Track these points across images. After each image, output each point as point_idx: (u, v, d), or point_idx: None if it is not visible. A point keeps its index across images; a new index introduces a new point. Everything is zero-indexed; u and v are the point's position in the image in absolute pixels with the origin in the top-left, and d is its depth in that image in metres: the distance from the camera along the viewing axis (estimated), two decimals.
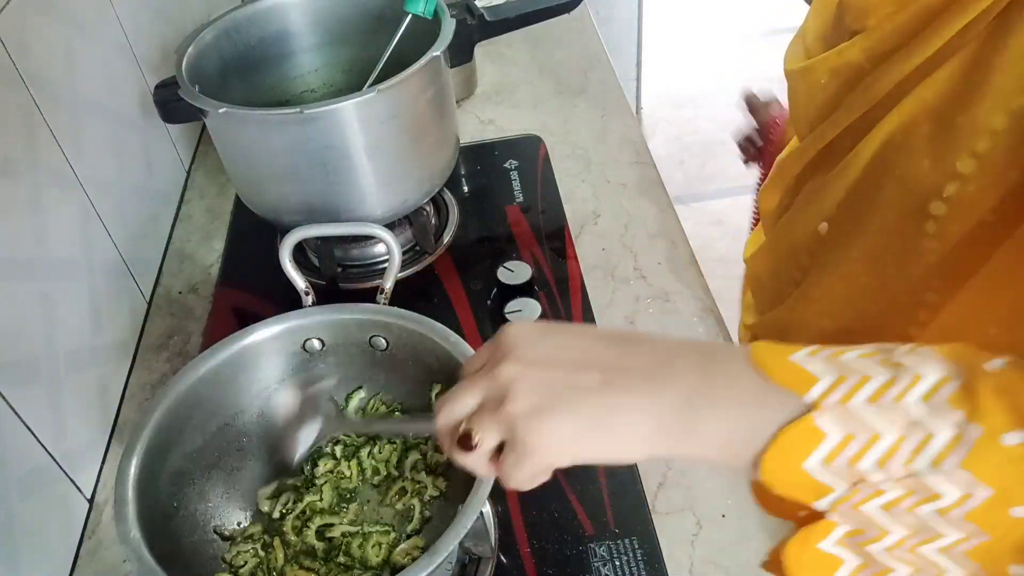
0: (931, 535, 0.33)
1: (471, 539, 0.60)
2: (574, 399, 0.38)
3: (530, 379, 0.39)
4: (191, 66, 0.76)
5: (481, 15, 0.82)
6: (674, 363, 0.38)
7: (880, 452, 0.33)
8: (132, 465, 0.53)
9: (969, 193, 0.47)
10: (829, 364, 0.35)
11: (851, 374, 0.35)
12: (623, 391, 0.38)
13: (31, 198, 0.67)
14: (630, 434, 0.38)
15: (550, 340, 0.40)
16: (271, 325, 0.62)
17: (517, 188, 0.97)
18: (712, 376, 0.37)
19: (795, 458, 0.34)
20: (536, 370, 0.39)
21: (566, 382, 0.38)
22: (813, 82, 0.60)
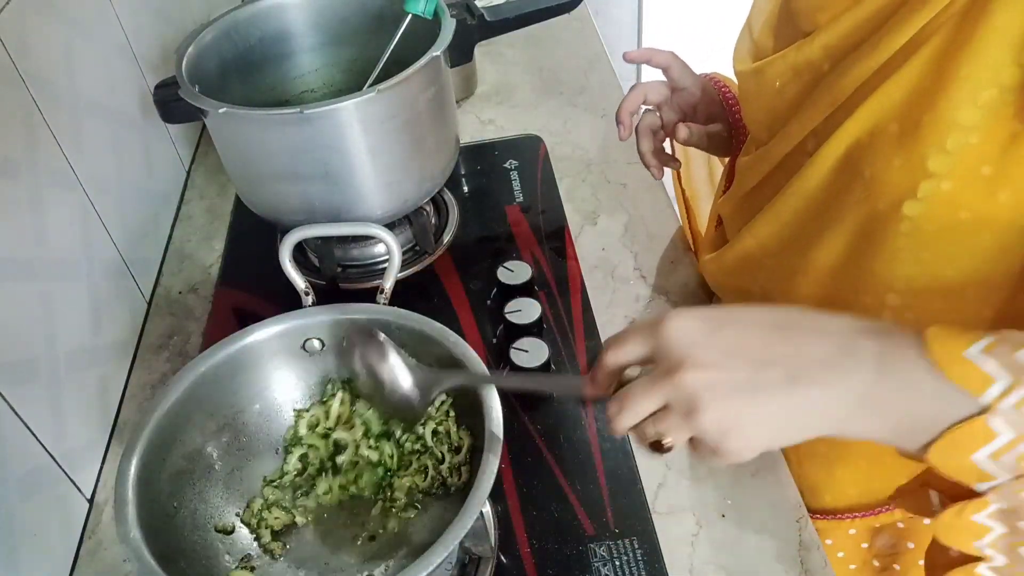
0: None
1: (471, 539, 0.60)
2: (764, 402, 0.39)
3: (718, 386, 0.40)
4: (191, 66, 0.76)
5: (481, 15, 0.82)
6: (853, 353, 0.40)
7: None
8: (132, 465, 0.53)
9: (943, 191, 0.47)
10: (1004, 364, 0.37)
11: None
12: (808, 386, 0.39)
13: (31, 198, 0.67)
14: (816, 427, 0.40)
15: (723, 337, 0.41)
16: (271, 325, 0.62)
17: (517, 188, 0.97)
18: (890, 369, 0.39)
19: (965, 451, 0.37)
20: (721, 374, 0.40)
21: (753, 383, 0.39)
22: (768, 83, 0.59)
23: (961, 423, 0.37)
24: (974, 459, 0.37)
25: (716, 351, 0.40)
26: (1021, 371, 0.37)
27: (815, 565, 0.60)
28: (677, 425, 0.41)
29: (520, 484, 0.66)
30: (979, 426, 0.37)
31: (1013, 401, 0.36)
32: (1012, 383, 0.36)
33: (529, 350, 0.72)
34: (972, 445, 0.37)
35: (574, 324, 0.79)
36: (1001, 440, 0.36)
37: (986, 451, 0.37)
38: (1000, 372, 0.37)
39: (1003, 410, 0.36)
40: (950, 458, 0.38)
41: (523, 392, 0.65)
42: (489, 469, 0.49)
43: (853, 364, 0.39)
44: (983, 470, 0.37)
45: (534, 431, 0.70)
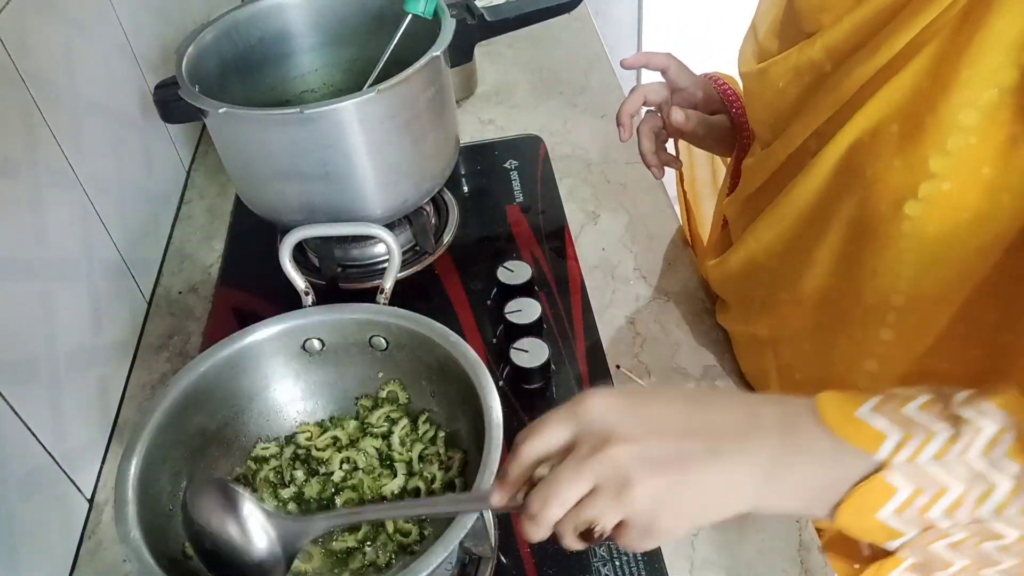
0: (991, 562, 0.37)
1: (471, 539, 0.60)
2: (692, 473, 0.40)
3: (648, 458, 0.39)
4: (191, 66, 0.76)
5: (481, 15, 0.82)
6: (758, 422, 0.41)
7: (947, 503, 0.36)
8: (132, 465, 0.53)
9: (944, 192, 0.47)
10: (894, 420, 0.38)
11: (916, 431, 0.37)
12: (728, 456, 0.40)
13: (31, 198, 0.67)
14: (736, 501, 0.41)
15: (644, 412, 0.41)
16: (271, 325, 0.62)
17: (517, 188, 0.97)
18: (793, 437, 0.40)
19: (869, 510, 0.38)
20: (649, 446, 0.40)
21: (679, 454, 0.40)
22: (772, 84, 0.59)
23: (862, 482, 0.38)
24: (879, 517, 0.38)
25: (640, 425, 0.40)
26: (910, 425, 0.38)
27: (815, 565, 0.60)
28: (608, 506, 0.40)
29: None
30: (878, 483, 0.37)
31: (906, 455, 0.37)
32: (903, 437, 0.37)
33: (529, 350, 0.72)
34: (875, 504, 0.38)
35: (574, 324, 0.79)
36: (901, 495, 0.37)
37: (889, 508, 0.37)
38: (891, 428, 0.38)
39: (898, 465, 0.37)
40: (857, 520, 0.38)
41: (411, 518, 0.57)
42: (489, 469, 0.49)
43: (761, 432, 0.40)
44: (890, 527, 0.38)
45: None
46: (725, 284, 0.74)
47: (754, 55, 0.64)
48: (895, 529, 0.38)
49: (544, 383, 0.73)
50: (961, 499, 0.36)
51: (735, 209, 0.72)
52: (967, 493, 0.36)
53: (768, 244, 0.64)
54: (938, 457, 0.36)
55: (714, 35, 1.63)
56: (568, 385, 0.73)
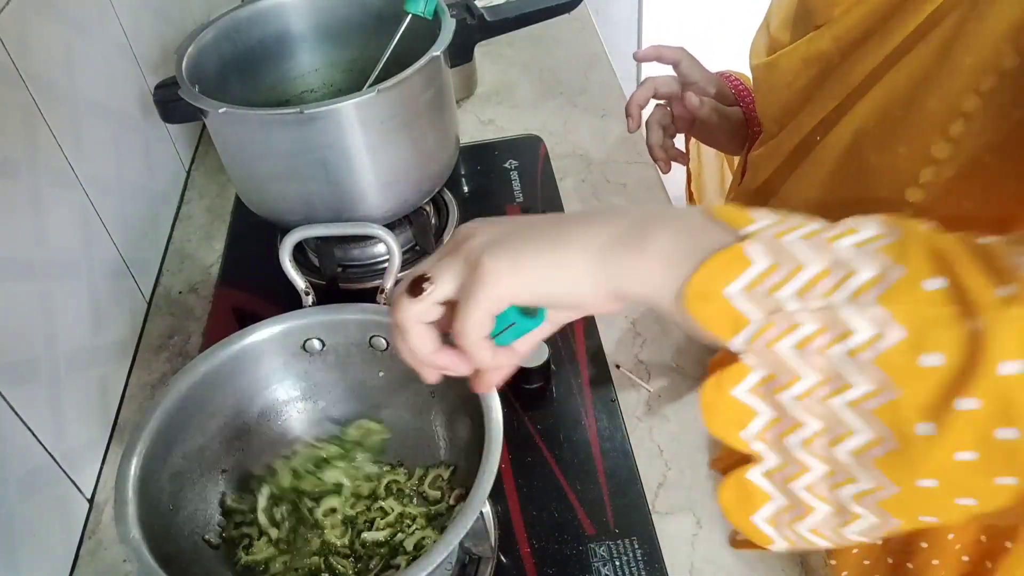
0: (841, 384, 0.31)
1: (471, 539, 0.60)
2: (531, 232, 0.38)
3: (490, 230, 0.39)
4: (191, 66, 0.76)
5: (481, 15, 0.82)
6: (624, 211, 0.38)
7: (801, 282, 0.32)
8: (132, 465, 0.53)
9: (946, 178, 0.47)
10: (771, 214, 0.35)
11: (790, 220, 0.34)
12: (575, 225, 0.38)
13: (31, 198, 0.67)
14: (580, 254, 0.37)
15: (505, 219, 0.41)
16: (271, 325, 0.62)
17: (517, 188, 0.96)
18: (656, 216, 0.37)
19: (718, 283, 0.33)
20: (496, 227, 0.39)
21: (524, 229, 0.39)
22: (780, 76, 0.59)
23: (716, 253, 0.33)
24: (726, 293, 0.33)
25: (498, 224, 0.40)
26: (787, 218, 0.34)
27: (815, 565, 0.60)
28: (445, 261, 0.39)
29: (520, 484, 0.66)
30: (735, 253, 0.33)
31: (772, 232, 0.33)
32: (776, 221, 0.34)
33: None
34: (726, 275, 0.33)
35: (574, 324, 0.79)
36: (755, 269, 0.32)
37: (739, 283, 0.33)
38: (767, 217, 0.34)
39: (761, 238, 0.33)
40: (704, 297, 0.33)
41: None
42: (489, 469, 0.49)
43: (622, 214, 0.38)
44: (736, 309, 0.33)
45: (534, 431, 0.70)
46: None
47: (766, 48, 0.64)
48: (741, 313, 0.33)
49: (544, 383, 0.73)
50: (817, 278, 0.32)
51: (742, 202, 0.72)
52: (825, 275, 0.32)
53: None
54: (806, 238, 0.33)
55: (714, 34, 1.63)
56: (568, 385, 0.73)
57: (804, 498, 0.34)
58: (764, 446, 0.34)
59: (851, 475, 0.32)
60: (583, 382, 0.74)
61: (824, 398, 0.32)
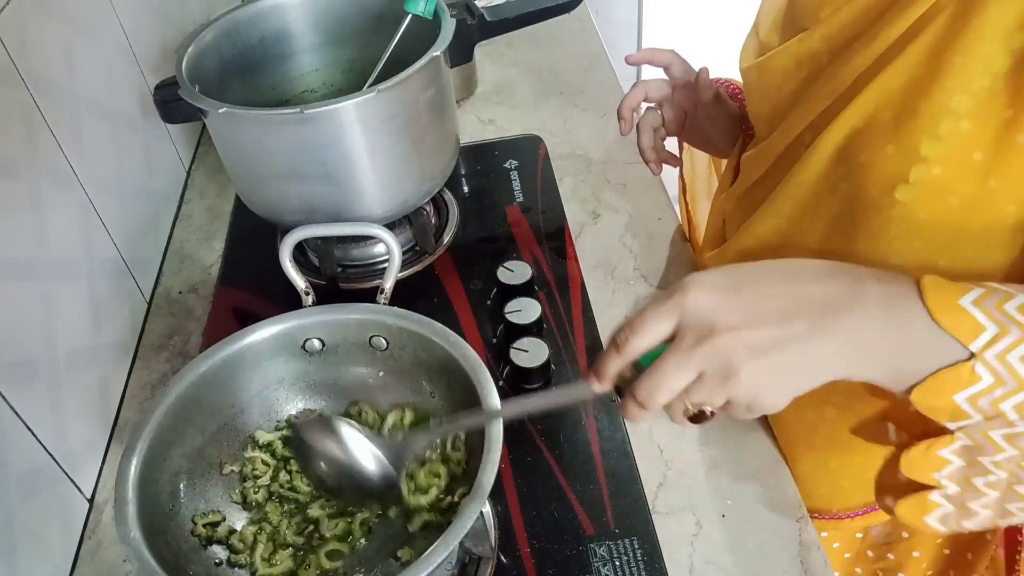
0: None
1: (471, 539, 0.60)
2: (794, 354, 0.41)
3: (751, 346, 0.41)
4: (191, 66, 0.76)
5: (481, 15, 0.82)
6: (861, 297, 0.42)
7: (1022, 399, 0.39)
8: (132, 465, 0.53)
9: (934, 176, 0.48)
10: (991, 315, 0.40)
11: (1012, 328, 0.39)
12: (831, 335, 0.42)
13: (31, 198, 0.67)
14: (832, 372, 0.42)
15: (744, 297, 0.43)
16: (271, 325, 0.62)
17: (517, 188, 0.97)
18: (894, 317, 0.41)
19: (948, 392, 0.40)
20: (751, 333, 0.41)
21: (782, 337, 0.41)
22: (770, 78, 0.60)
23: (948, 367, 0.40)
24: (955, 399, 0.40)
25: (741, 312, 0.42)
26: (1008, 321, 0.39)
27: (815, 565, 0.60)
28: (714, 391, 0.42)
29: (520, 484, 0.66)
30: (965, 370, 0.39)
31: (997, 350, 0.39)
32: (998, 333, 0.39)
33: (529, 350, 0.72)
34: (954, 387, 0.40)
35: (574, 324, 0.79)
36: (982, 384, 0.39)
37: (966, 393, 0.39)
38: (989, 321, 0.39)
39: (988, 358, 0.39)
40: (932, 398, 0.40)
41: (526, 416, 0.63)
42: (489, 469, 0.49)
43: (863, 309, 0.41)
44: (961, 409, 0.40)
45: (534, 431, 0.70)
46: None
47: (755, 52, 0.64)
48: (964, 411, 0.40)
49: (544, 383, 0.73)
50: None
51: (732, 203, 0.72)
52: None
53: (764, 237, 0.64)
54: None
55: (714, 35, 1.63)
56: None
57: (975, 509, 0.43)
58: (950, 482, 0.43)
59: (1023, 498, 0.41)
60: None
61: (1020, 462, 0.40)
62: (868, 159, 0.51)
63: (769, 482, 0.66)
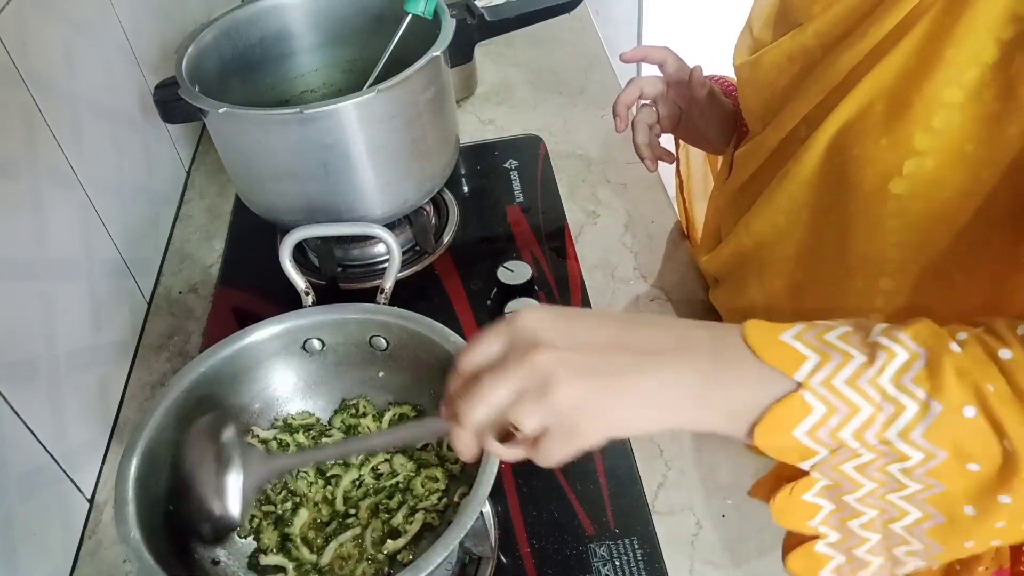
0: (897, 487, 0.39)
1: (471, 539, 0.60)
2: (616, 382, 0.40)
3: (571, 365, 0.40)
4: (191, 66, 0.76)
5: (481, 15, 0.82)
6: (689, 342, 0.41)
7: (857, 424, 0.38)
8: (132, 465, 0.53)
9: (928, 169, 0.48)
10: (813, 345, 0.39)
11: (833, 355, 0.39)
12: (655, 370, 0.40)
13: (31, 198, 0.67)
14: (661, 414, 0.41)
15: (572, 325, 0.41)
16: (271, 325, 0.62)
17: (517, 188, 0.97)
18: (721, 356, 0.40)
19: (785, 428, 0.39)
20: (573, 355, 0.40)
21: (605, 365, 0.40)
22: (763, 74, 0.60)
23: (780, 401, 0.38)
24: (794, 434, 0.38)
25: (567, 336, 0.41)
26: (828, 349, 0.39)
27: None
28: (529, 409, 0.40)
29: (520, 484, 0.66)
30: (795, 401, 0.38)
31: (822, 376, 0.38)
32: (821, 359, 0.38)
33: None
34: (791, 422, 0.38)
35: None
36: (815, 415, 0.38)
37: (803, 426, 0.38)
38: (810, 350, 0.39)
39: (814, 385, 0.38)
40: (773, 437, 0.39)
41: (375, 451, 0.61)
42: (489, 469, 0.49)
43: (691, 351, 0.41)
44: (804, 445, 0.39)
45: None
46: (719, 273, 0.75)
47: (748, 50, 0.64)
48: (808, 447, 0.39)
49: None
50: (870, 420, 0.37)
51: (725, 199, 0.72)
52: (876, 414, 0.37)
53: (759, 233, 0.64)
54: (851, 381, 0.38)
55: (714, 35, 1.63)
56: None
57: (863, 558, 0.41)
58: (828, 528, 0.41)
59: (904, 540, 0.40)
60: None
61: (882, 495, 0.39)
62: (862, 152, 0.51)
63: None
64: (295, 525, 0.59)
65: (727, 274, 0.74)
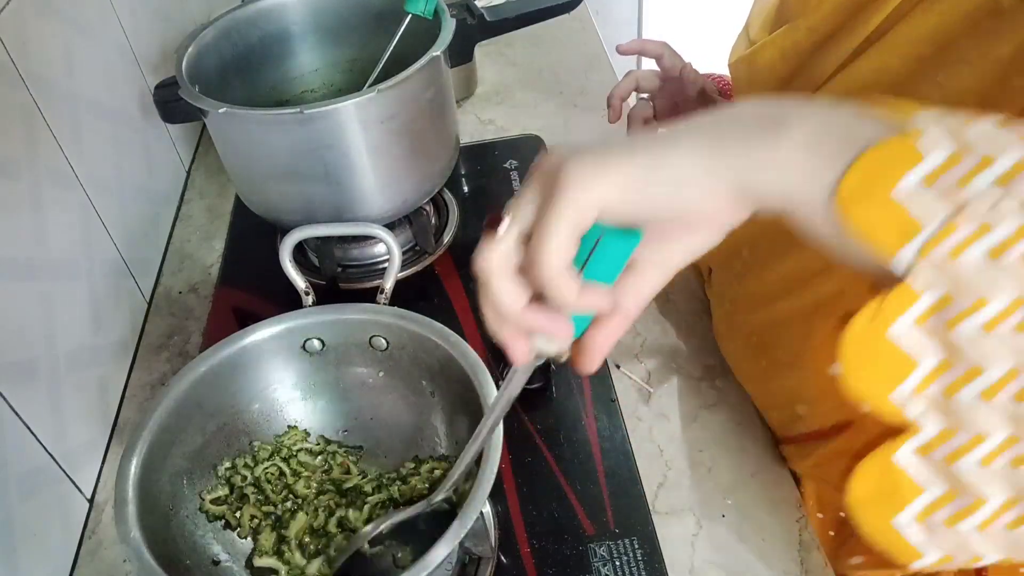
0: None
1: (471, 539, 0.60)
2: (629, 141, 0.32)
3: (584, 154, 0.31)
4: (191, 66, 0.76)
5: (481, 15, 0.82)
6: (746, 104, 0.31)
7: (999, 171, 0.25)
8: (132, 465, 0.53)
9: None
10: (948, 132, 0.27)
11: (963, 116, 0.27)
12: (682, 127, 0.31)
13: (31, 198, 0.67)
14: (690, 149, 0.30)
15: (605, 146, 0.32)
16: (271, 325, 0.62)
17: (517, 188, 0.97)
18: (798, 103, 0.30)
19: (886, 179, 0.26)
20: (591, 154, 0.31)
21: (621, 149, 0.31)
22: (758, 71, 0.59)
23: (882, 142, 0.27)
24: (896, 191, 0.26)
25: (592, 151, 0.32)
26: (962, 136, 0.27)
27: (815, 565, 0.60)
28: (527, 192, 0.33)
29: (520, 484, 0.66)
30: (905, 144, 0.27)
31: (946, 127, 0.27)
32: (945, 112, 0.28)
33: None
34: (895, 169, 0.26)
35: None
36: (932, 161, 0.26)
37: (913, 176, 0.26)
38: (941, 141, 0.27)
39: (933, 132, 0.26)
40: (867, 196, 0.27)
41: None
42: (489, 469, 0.49)
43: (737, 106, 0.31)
44: (908, 210, 0.26)
45: (534, 431, 0.70)
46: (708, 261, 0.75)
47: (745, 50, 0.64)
48: (914, 215, 0.26)
49: (544, 383, 0.73)
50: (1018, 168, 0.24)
51: None
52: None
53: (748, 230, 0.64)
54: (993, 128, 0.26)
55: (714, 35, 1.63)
56: (568, 385, 0.73)
57: (974, 482, 0.25)
58: (924, 406, 0.26)
59: None
60: (583, 382, 0.73)
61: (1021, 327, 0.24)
62: None
63: (769, 482, 0.66)
64: (292, 528, 0.59)
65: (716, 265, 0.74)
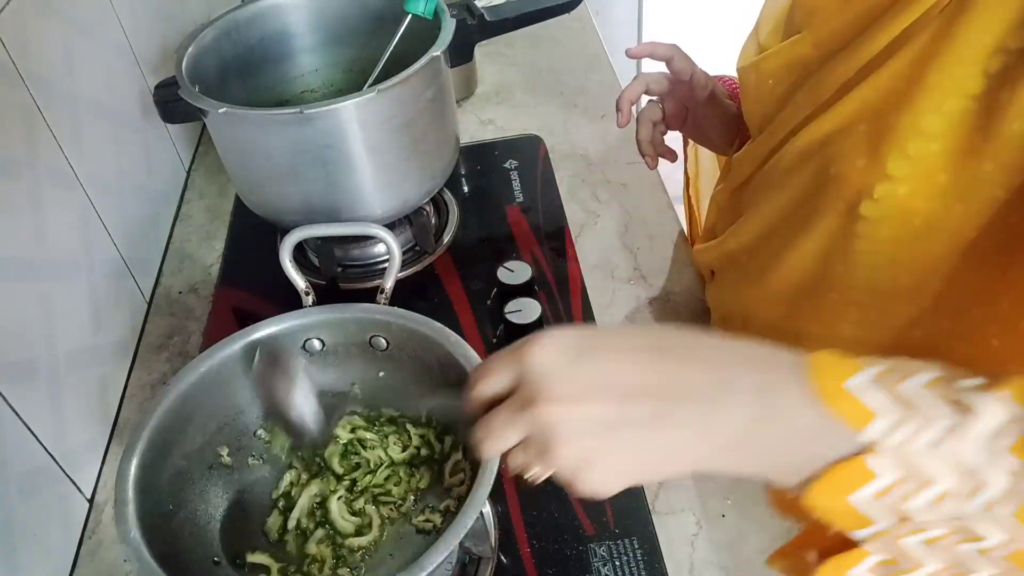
0: (965, 571, 0.33)
1: (471, 539, 0.60)
2: (624, 440, 0.36)
3: (573, 423, 0.37)
4: (191, 66, 0.76)
5: (481, 15, 0.82)
6: (731, 388, 0.36)
7: (932, 496, 0.32)
8: (132, 465, 0.53)
9: (899, 195, 0.47)
10: (890, 398, 0.33)
11: (913, 415, 0.33)
12: (678, 426, 0.36)
13: (31, 198, 0.67)
14: (683, 464, 0.37)
15: (588, 366, 0.37)
16: (271, 325, 0.62)
17: (517, 188, 0.97)
18: (770, 405, 0.35)
19: (843, 491, 0.34)
20: (577, 409, 0.37)
21: (615, 419, 0.36)
22: (763, 80, 0.59)
23: (841, 462, 0.33)
24: (852, 500, 0.33)
25: (577, 383, 0.37)
26: (908, 407, 0.33)
27: None
28: (534, 461, 0.39)
29: (520, 484, 0.66)
30: (859, 466, 0.33)
31: (896, 440, 0.33)
32: (897, 420, 0.33)
33: None
34: (851, 485, 0.33)
35: (574, 324, 0.79)
36: (882, 481, 0.33)
37: (865, 492, 0.33)
38: (884, 407, 0.33)
39: (885, 450, 0.33)
40: (827, 499, 0.34)
41: None
42: (489, 469, 0.49)
43: (729, 401, 0.36)
44: (861, 513, 0.34)
45: None
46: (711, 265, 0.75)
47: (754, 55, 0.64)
48: (866, 516, 0.34)
49: None
50: (949, 493, 0.32)
51: (723, 199, 0.72)
52: (957, 487, 0.32)
53: (746, 242, 0.64)
54: (932, 447, 0.32)
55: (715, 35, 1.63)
56: None
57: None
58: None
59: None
60: None
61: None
62: (839, 171, 0.50)
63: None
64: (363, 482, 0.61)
65: (717, 270, 0.74)
